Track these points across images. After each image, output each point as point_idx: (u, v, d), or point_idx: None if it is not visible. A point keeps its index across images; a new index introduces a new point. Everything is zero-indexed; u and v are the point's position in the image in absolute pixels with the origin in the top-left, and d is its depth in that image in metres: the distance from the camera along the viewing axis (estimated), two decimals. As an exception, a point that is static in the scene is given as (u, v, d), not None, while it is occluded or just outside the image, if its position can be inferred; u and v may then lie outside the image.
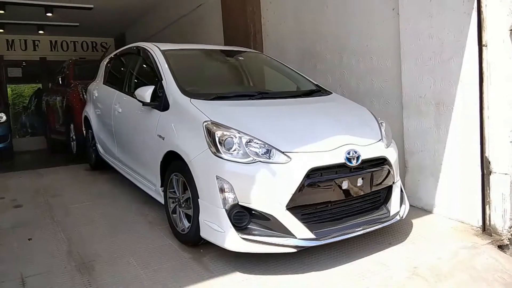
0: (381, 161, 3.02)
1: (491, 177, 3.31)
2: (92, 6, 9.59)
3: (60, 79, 7.68)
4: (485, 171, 3.34)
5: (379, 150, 3.05)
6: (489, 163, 3.32)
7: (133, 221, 3.61)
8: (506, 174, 3.23)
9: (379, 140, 3.12)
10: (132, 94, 3.96)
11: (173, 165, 3.15)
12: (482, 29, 3.25)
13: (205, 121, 2.86)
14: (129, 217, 3.70)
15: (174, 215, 3.23)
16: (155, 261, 2.86)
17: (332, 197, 2.78)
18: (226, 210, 2.63)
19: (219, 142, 2.73)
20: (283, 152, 2.69)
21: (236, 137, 2.73)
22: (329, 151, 2.79)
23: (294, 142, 2.80)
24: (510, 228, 3.27)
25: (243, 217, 2.65)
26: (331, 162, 2.75)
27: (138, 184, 3.86)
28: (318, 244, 2.63)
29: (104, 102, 4.71)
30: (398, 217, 3.08)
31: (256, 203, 2.62)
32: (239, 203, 2.64)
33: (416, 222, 3.51)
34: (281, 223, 2.61)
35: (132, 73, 4.24)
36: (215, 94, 3.28)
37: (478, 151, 3.38)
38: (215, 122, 2.84)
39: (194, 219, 2.89)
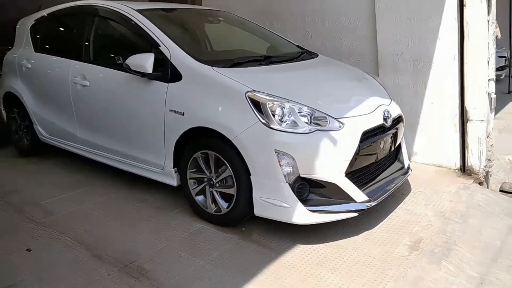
0: (399, 119, 3.18)
1: (469, 124, 3.76)
2: None
3: None
4: (464, 119, 3.77)
5: (397, 109, 3.21)
6: (467, 112, 3.75)
7: (136, 209, 3.19)
8: (482, 121, 3.71)
9: (391, 99, 3.26)
10: (107, 64, 3.39)
11: (199, 142, 2.84)
12: (464, -11, 3.54)
13: (247, 91, 2.62)
14: (128, 206, 3.26)
15: (198, 197, 2.96)
16: (204, 249, 2.62)
17: (374, 158, 2.86)
18: (289, 184, 2.51)
19: (272, 113, 2.54)
20: (336, 118, 2.63)
21: (286, 107, 2.57)
22: (371, 113, 2.83)
23: (339, 107, 2.77)
24: (485, 167, 3.80)
25: (303, 189, 2.58)
26: (375, 124, 2.81)
27: (128, 168, 3.38)
28: (373, 204, 2.70)
29: (48, 74, 3.90)
30: (410, 170, 3.31)
31: (318, 173, 2.55)
32: (301, 175, 2.54)
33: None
34: (342, 190, 2.60)
35: (94, 39, 3.56)
36: (230, 60, 2.99)
37: (457, 102, 3.78)
38: (259, 91, 2.62)
39: (240, 198, 2.69)
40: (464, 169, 3.84)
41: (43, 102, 4.04)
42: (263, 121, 2.54)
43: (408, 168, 3.30)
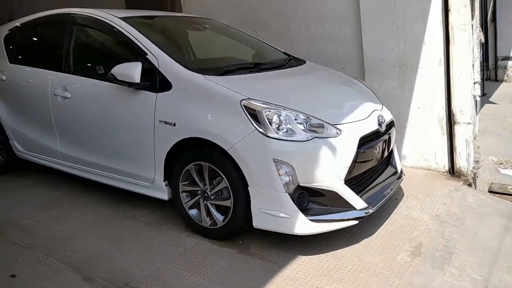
0: (391, 123, 3.17)
1: (456, 127, 3.80)
2: None
3: None
4: (451, 122, 3.80)
5: (389, 113, 3.20)
6: (454, 115, 3.78)
7: (125, 226, 3.05)
8: (469, 123, 3.75)
9: (382, 104, 3.25)
10: (90, 75, 3.25)
11: (192, 154, 2.73)
12: (448, -5, 3.59)
13: (242, 100, 2.54)
14: (115, 222, 3.10)
15: (192, 211, 2.85)
16: (202, 265, 2.51)
17: (371, 164, 2.83)
18: (289, 194, 2.44)
19: (269, 121, 2.47)
20: (333, 125, 2.59)
21: (283, 114, 2.51)
22: (366, 119, 2.80)
23: (335, 113, 2.73)
24: (473, 169, 3.84)
25: (303, 198, 2.51)
26: (371, 130, 2.78)
27: (114, 183, 3.23)
28: (372, 211, 2.66)
29: (25, 86, 3.71)
30: (403, 174, 3.30)
31: (318, 181, 2.49)
32: (300, 184, 2.47)
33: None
34: (342, 197, 2.55)
35: (75, 48, 3.40)
36: (220, 68, 2.91)
37: (443, 105, 3.81)
38: (254, 99, 2.55)
39: (237, 210, 2.60)
40: (453, 171, 3.86)
41: (19, 116, 3.84)
42: (260, 129, 2.46)
43: (401, 172, 3.29)
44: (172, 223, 3.04)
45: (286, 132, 2.48)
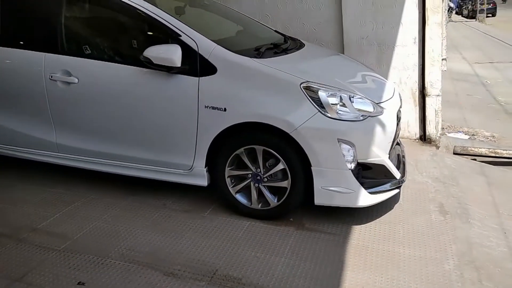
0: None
1: (428, 99, 4.33)
2: None
3: None
4: (424, 94, 4.32)
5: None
6: (426, 88, 4.30)
7: (164, 216, 2.93)
8: (438, 95, 4.30)
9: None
10: (107, 58, 2.96)
11: (243, 138, 2.74)
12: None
13: (302, 83, 2.61)
14: (151, 213, 2.96)
15: (238, 195, 2.87)
16: (272, 245, 2.59)
17: (398, 136, 3.13)
18: (352, 170, 2.63)
19: (331, 103, 2.59)
20: (378, 103, 2.81)
21: (342, 96, 2.65)
22: (393, 96, 3.07)
23: (373, 93, 2.94)
24: (440, 136, 4.44)
25: (359, 173, 2.72)
26: (398, 106, 3.07)
27: (140, 174, 3.03)
28: (405, 179, 2.99)
29: (7, 72, 3.18)
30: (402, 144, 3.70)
31: (372, 157, 2.71)
32: (358, 161, 2.67)
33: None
34: (388, 169, 2.81)
35: (81, 26, 3.02)
36: (250, 50, 2.89)
37: (417, 80, 4.31)
38: (313, 81, 2.64)
39: (294, 190, 2.71)
40: (424, 138, 4.42)
41: (5, 104, 3.30)
42: (323, 111, 2.58)
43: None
44: (210, 208, 3.02)
45: (345, 112, 2.63)
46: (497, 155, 4.23)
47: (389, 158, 2.84)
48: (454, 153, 4.38)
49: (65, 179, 3.45)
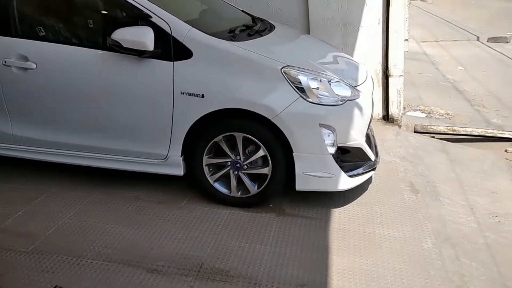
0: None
1: (390, 79, 4.42)
2: None
3: None
4: (387, 75, 4.40)
5: (364, 72, 3.56)
6: (389, 69, 4.38)
7: (139, 208, 2.80)
8: (400, 76, 4.40)
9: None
10: (68, 41, 2.72)
11: (224, 125, 2.65)
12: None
13: (283, 67, 2.54)
14: (124, 206, 2.82)
15: (217, 183, 2.80)
16: (255, 233, 2.57)
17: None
18: (332, 155, 2.63)
19: (312, 88, 2.56)
20: (354, 87, 2.81)
21: (321, 80, 2.62)
22: (367, 79, 3.08)
23: (350, 76, 2.93)
24: (402, 115, 4.57)
25: (339, 157, 2.73)
26: (371, 89, 3.09)
27: (106, 165, 2.87)
28: (379, 162, 3.04)
29: None
30: (369, 124, 3.77)
31: (351, 140, 2.73)
32: (338, 145, 2.68)
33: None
34: (364, 152, 2.85)
35: (38, 7, 2.73)
36: (224, 32, 2.78)
37: (380, 61, 4.38)
38: (293, 66, 2.58)
39: (275, 176, 2.67)
40: (387, 117, 4.53)
41: None
42: (304, 96, 2.54)
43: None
44: (187, 198, 2.93)
45: (325, 96, 2.61)
46: (454, 133, 4.43)
47: (365, 141, 2.87)
48: (414, 131, 4.53)
49: (23, 173, 3.19)
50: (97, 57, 2.63)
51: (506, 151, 4.16)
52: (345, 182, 2.69)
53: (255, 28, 3.08)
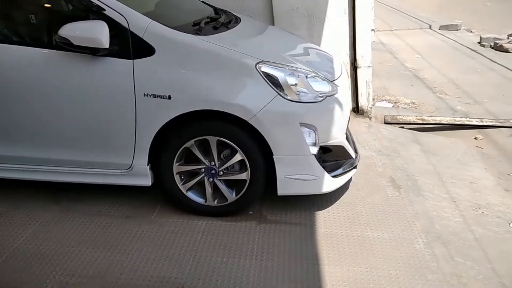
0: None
1: (359, 71, 4.30)
2: None
3: None
4: (356, 66, 4.28)
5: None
6: (357, 60, 4.26)
7: (104, 225, 2.49)
8: (368, 66, 4.30)
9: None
10: (11, 40, 2.35)
11: (195, 128, 2.39)
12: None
13: (257, 63, 2.31)
14: (85, 224, 2.50)
15: (190, 192, 2.54)
16: (239, 247, 2.35)
17: (348, 114, 3.02)
18: (315, 155, 2.44)
19: (290, 84, 2.35)
20: (332, 81, 2.63)
21: (298, 75, 2.41)
22: (342, 73, 2.91)
23: (326, 70, 2.75)
24: (372, 106, 4.48)
25: (321, 157, 2.55)
26: (348, 82, 2.93)
27: (62, 178, 2.54)
28: (359, 158, 2.89)
29: None
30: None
31: (332, 138, 2.55)
32: (320, 144, 2.49)
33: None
34: (345, 150, 2.69)
35: None
36: (188, 25, 2.52)
37: (347, 52, 4.24)
38: (268, 61, 2.36)
39: (254, 182, 2.45)
40: (357, 110, 4.42)
41: None
42: (282, 94, 2.32)
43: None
44: (156, 210, 2.66)
45: (304, 93, 2.41)
46: (424, 122, 4.39)
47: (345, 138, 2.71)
48: (385, 123, 4.45)
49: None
50: (43, 56, 2.29)
51: (476, 138, 4.17)
52: (329, 183, 2.51)
53: (220, 20, 2.83)
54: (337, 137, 2.57)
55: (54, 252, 2.26)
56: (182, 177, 2.52)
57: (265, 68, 2.32)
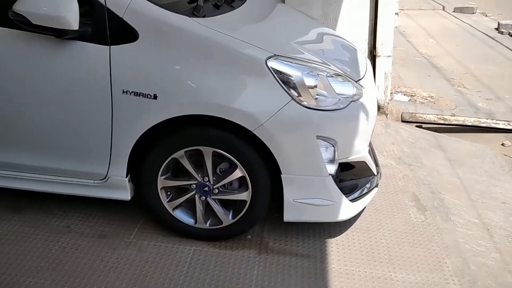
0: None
1: (378, 60, 3.79)
2: None
3: None
4: (375, 55, 3.77)
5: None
6: (377, 48, 3.75)
7: (72, 247, 2.04)
8: (389, 56, 3.78)
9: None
10: None
11: (186, 136, 1.91)
12: None
13: (268, 58, 1.81)
14: (53, 244, 2.05)
15: (177, 211, 2.08)
16: (233, 283, 1.90)
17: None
18: (332, 176, 1.97)
19: (308, 86, 1.86)
20: (357, 81, 2.14)
21: (315, 74, 1.91)
22: (367, 71, 2.40)
23: (350, 66, 2.25)
24: (389, 101, 3.99)
25: (338, 176, 2.09)
26: (373, 81, 2.44)
27: (25, 186, 2.08)
28: (381, 173, 2.44)
29: None
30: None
31: (354, 153, 2.08)
32: (339, 161, 2.03)
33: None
34: (367, 166, 2.23)
35: None
36: (192, 3, 2.00)
37: (366, 38, 3.72)
38: (281, 55, 1.86)
39: (256, 203, 2.00)
40: (372, 104, 3.92)
41: None
42: (298, 99, 1.84)
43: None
44: (137, 226, 2.22)
45: (324, 98, 1.92)
46: (446, 122, 3.92)
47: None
48: (402, 121, 3.98)
49: None
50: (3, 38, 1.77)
51: (503, 144, 3.72)
52: (347, 209, 2.06)
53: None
54: (360, 151, 2.10)
55: (6, 283, 1.82)
56: (169, 193, 2.06)
57: (278, 65, 1.82)
